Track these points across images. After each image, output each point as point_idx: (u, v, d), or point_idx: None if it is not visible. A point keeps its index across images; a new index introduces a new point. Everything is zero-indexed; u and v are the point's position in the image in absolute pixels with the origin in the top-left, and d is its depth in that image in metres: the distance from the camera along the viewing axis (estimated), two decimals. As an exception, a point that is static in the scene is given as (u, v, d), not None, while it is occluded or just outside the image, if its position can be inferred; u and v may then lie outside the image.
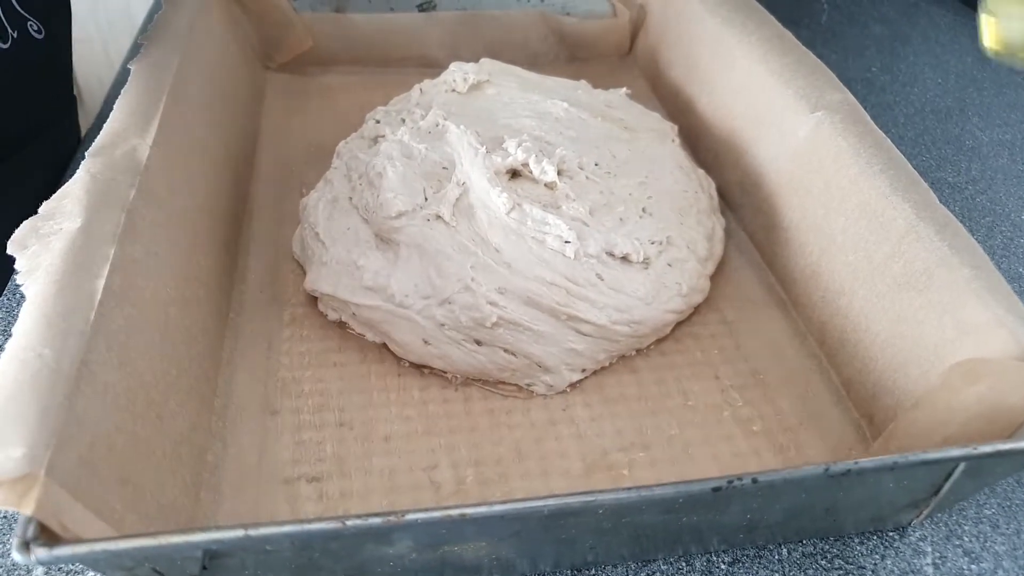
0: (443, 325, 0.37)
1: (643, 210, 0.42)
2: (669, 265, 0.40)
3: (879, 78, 0.67)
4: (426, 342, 0.38)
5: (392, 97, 0.52)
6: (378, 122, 0.47)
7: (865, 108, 0.40)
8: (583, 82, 0.52)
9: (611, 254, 0.39)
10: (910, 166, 0.36)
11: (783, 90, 0.43)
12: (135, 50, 0.44)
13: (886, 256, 0.35)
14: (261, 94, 0.59)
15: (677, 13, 0.58)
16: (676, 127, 0.50)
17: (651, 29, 0.63)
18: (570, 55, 0.67)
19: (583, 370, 0.39)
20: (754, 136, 0.46)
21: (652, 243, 0.40)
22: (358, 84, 0.61)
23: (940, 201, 0.35)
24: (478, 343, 0.38)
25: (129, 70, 0.42)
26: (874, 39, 0.74)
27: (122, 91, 0.40)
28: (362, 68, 0.62)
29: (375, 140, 0.46)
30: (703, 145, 0.52)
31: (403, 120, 0.46)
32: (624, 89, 0.52)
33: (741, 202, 0.48)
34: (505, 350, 0.38)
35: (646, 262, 0.40)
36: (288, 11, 0.59)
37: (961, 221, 0.34)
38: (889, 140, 0.38)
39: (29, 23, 0.48)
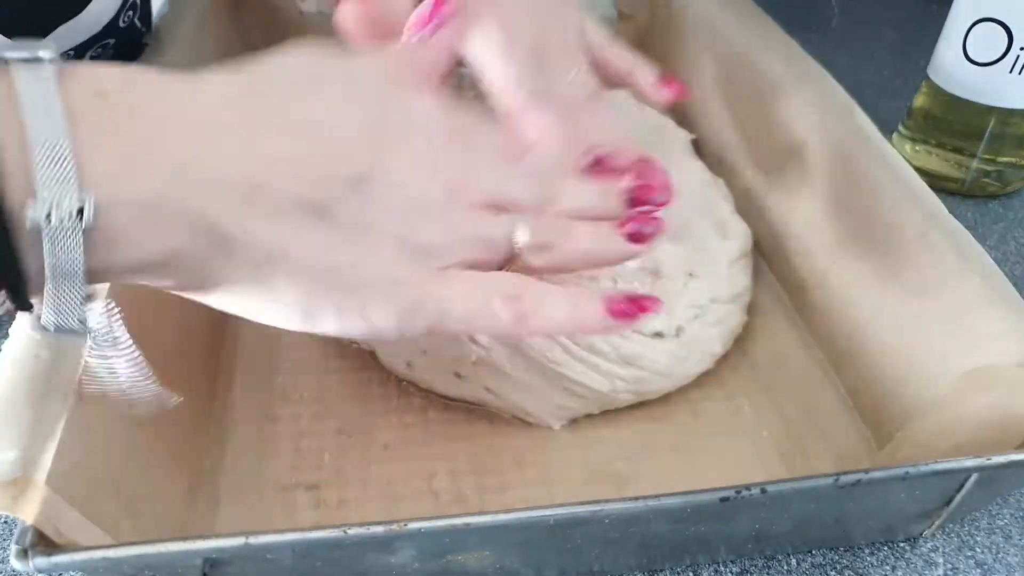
0: (425, 352, 0.36)
1: (689, 275, 0.38)
2: (710, 326, 0.38)
3: (891, 82, 0.67)
4: (409, 365, 0.37)
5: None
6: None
7: (877, 112, 0.39)
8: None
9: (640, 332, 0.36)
10: (917, 175, 0.36)
11: (790, 98, 0.43)
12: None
13: (894, 264, 0.35)
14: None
15: (683, 20, 0.58)
16: (691, 135, 0.49)
17: (656, 36, 0.63)
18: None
19: (574, 420, 0.36)
20: (761, 144, 0.45)
21: (690, 308, 0.37)
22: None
23: (950, 207, 0.35)
24: (458, 376, 0.36)
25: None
26: (885, 43, 0.74)
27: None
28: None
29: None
30: (710, 150, 0.52)
31: None
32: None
33: (748, 211, 0.47)
34: (487, 388, 0.36)
35: (678, 331, 0.36)
36: (295, 16, 0.59)
37: (972, 227, 0.34)
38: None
39: None
